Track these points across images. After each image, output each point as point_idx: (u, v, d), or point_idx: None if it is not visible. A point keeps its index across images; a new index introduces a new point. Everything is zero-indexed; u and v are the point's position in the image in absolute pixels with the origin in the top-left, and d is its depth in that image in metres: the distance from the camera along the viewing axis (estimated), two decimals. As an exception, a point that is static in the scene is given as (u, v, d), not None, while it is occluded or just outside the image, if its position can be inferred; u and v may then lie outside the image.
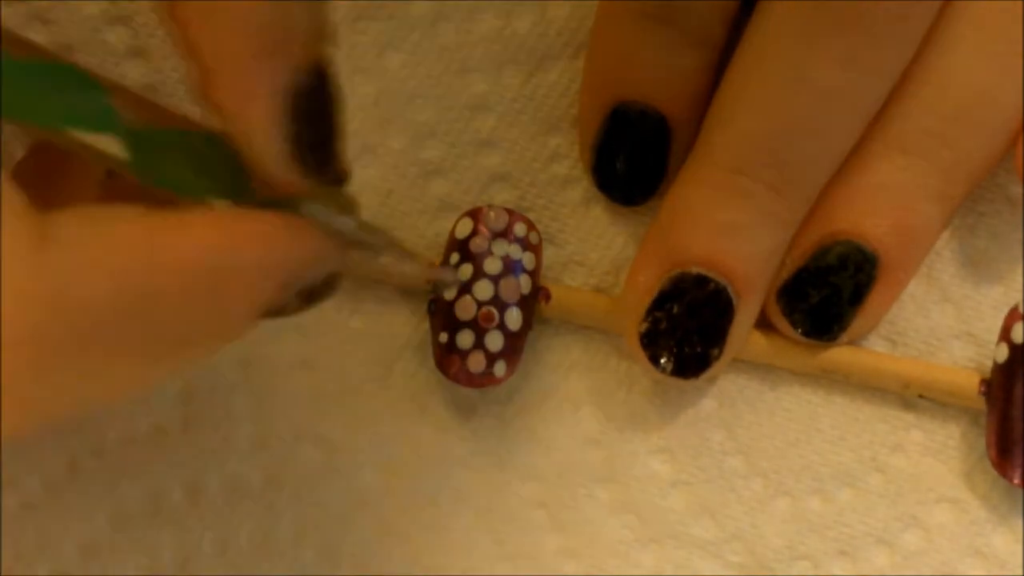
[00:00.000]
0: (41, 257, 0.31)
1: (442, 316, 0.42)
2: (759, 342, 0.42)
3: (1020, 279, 0.43)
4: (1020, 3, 0.40)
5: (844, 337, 0.41)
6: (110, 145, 0.32)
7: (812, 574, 0.42)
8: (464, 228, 0.42)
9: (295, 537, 0.42)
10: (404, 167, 0.43)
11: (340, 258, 0.35)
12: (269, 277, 0.33)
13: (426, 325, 0.42)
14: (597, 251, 0.43)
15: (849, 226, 0.40)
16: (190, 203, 0.34)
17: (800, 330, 0.41)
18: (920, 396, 0.42)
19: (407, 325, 0.43)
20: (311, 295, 0.35)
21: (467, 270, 0.42)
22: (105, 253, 0.31)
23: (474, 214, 0.42)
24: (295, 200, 0.35)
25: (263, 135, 0.33)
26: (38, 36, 0.43)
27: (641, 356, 0.41)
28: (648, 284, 0.41)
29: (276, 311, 0.34)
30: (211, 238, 0.32)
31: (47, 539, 0.42)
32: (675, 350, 0.41)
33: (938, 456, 0.42)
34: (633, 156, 0.42)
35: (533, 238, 0.42)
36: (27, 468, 0.42)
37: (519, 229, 0.42)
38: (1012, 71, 0.40)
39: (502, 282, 0.41)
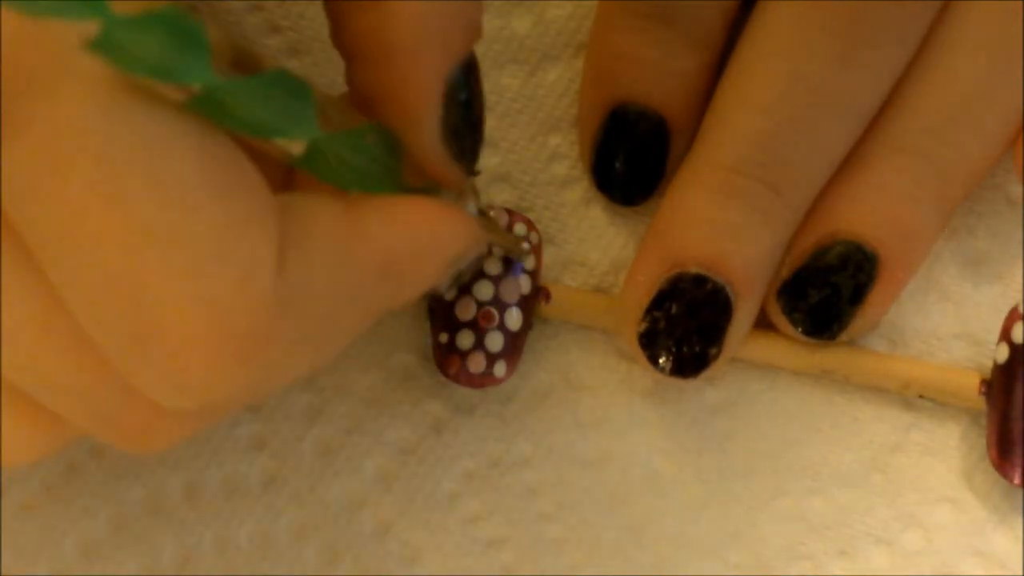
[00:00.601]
0: (282, 263, 0.32)
1: (442, 316, 0.42)
2: (758, 342, 0.42)
3: (1020, 279, 0.43)
4: (1020, 3, 0.40)
5: (844, 336, 0.41)
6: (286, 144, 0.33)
7: (812, 574, 0.42)
8: (464, 228, 0.42)
9: (295, 537, 0.42)
10: (404, 167, 0.44)
11: (485, 241, 0.38)
12: (442, 259, 0.35)
13: (426, 325, 0.43)
14: (597, 251, 0.43)
15: (849, 225, 0.40)
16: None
17: (800, 329, 0.41)
18: (920, 396, 0.42)
19: (407, 325, 0.43)
20: (461, 275, 0.38)
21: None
22: (326, 252, 0.33)
23: (474, 214, 0.42)
24: (435, 187, 0.37)
25: (423, 123, 0.35)
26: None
27: (640, 356, 0.41)
28: (647, 284, 0.41)
29: (433, 291, 0.37)
30: (401, 227, 0.34)
31: (47, 539, 0.42)
32: (674, 350, 0.41)
33: (938, 456, 0.42)
34: (632, 156, 0.42)
35: (533, 238, 0.42)
36: (27, 468, 0.42)
37: (519, 229, 0.42)
38: (1012, 71, 0.40)
39: (502, 282, 0.42)
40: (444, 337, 0.42)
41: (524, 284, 0.42)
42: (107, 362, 0.32)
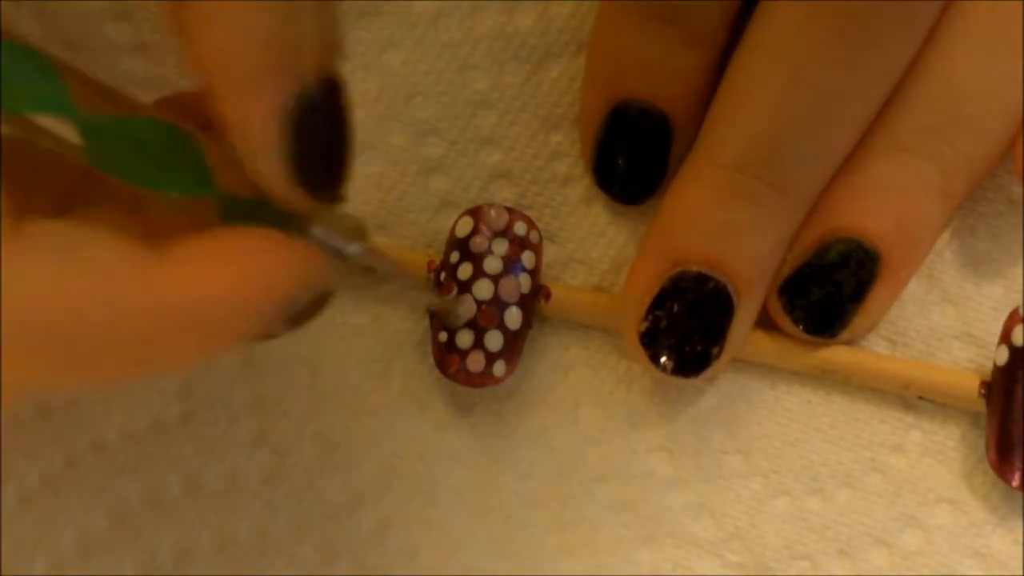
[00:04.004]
0: (13, 253, 0.30)
1: (442, 315, 0.42)
2: (759, 341, 0.42)
3: (1021, 280, 0.43)
4: (1020, 3, 0.40)
5: (845, 335, 0.41)
6: (67, 132, 0.31)
7: (811, 574, 0.42)
8: (464, 227, 0.42)
9: (294, 533, 0.42)
10: (405, 164, 0.43)
11: (330, 279, 0.34)
12: (261, 310, 0.32)
13: (426, 323, 0.42)
14: (597, 249, 0.43)
15: (851, 223, 0.40)
16: (149, 194, 0.33)
17: (801, 327, 0.41)
18: (920, 397, 0.42)
19: (407, 323, 0.43)
20: (298, 318, 0.34)
21: (467, 271, 0.42)
22: (96, 282, 0.31)
23: (474, 213, 0.42)
24: (301, 218, 0.34)
25: (263, 151, 0.33)
26: (35, 30, 0.43)
27: (641, 355, 0.41)
28: (648, 283, 0.41)
29: (263, 337, 0.33)
30: (203, 278, 0.32)
31: (46, 533, 0.42)
32: (675, 349, 0.40)
33: (938, 457, 0.42)
34: (634, 154, 0.42)
35: (533, 237, 0.42)
36: (25, 462, 0.42)
37: (519, 228, 0.42)
38: (1012, 71, 0.40)
39: (502, 281, 0.41)
40: (444, 336, 0.42)
41: (524, 283, 0.42)
42: None
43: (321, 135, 0.33)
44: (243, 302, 0.32)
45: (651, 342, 0.41)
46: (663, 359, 0.41)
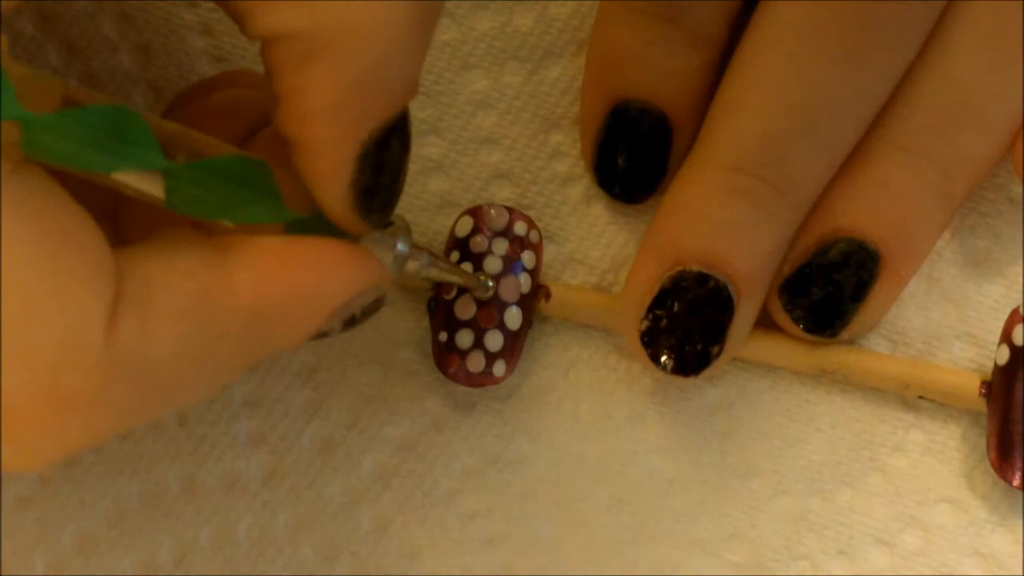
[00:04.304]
0: (114, 323, 0.32)
1: (441, 315, 0.42)
2: (759, 341, 0.42)
3: (1021, 280, 0.43)
4: (1021, 3, 0.40)
5: (845, 334, 0.41)
6: (143, 180, 0.33)
7: (811, 574, 0.42)
8: (464, 227, 0.42)
9: (292, 533, 0.42)
10: (405, 164, 0.43)
11: (387, 283, 0.37)
12: (324, 308, 0.35)
13: (425, 323, 0.42)
14: (598, 249, 0.43)
15: (851, 223, 0.40)
16: (230, 230, 0.35)
17: (801, 326, 0.41)
18: (920, 397, 0.42)
19: (406, 323, 0.43)
20: (355, 319, 0.36)
21: (467, 269, 0.42)
22: (173, 309, 0.33)
23: (474, 212, 0.42)
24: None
25: (328, 185, 0.35)
26: (35, 31, 0.44)
27: (641, 354, 0.41)
28: (649, 282, 0.41)
29: (321, 335, 0.36)
30: (273, 275, 0.34)
31: (44, 533, 0.42)
32: (675, 348, 0.40)
33: (938, 457, 0.42)
34: (634, 154, 0.42)
35: (533, 236, 0.42)
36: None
37: (519, 227, 0.42)
38: (1013, 70, 0.40)
39: (502, 281, 0.41)
40: (443, 336, 0.42)
41: (524, 283, 0.42)
42: None
43: (385, 168, 0.35)
44: (308, 306, 0.35)
45: (651, 341, 0.41)
46: (663, 358, 0.41)
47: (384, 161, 0.35)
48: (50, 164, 0.32)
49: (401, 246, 0.37)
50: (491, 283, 0.41)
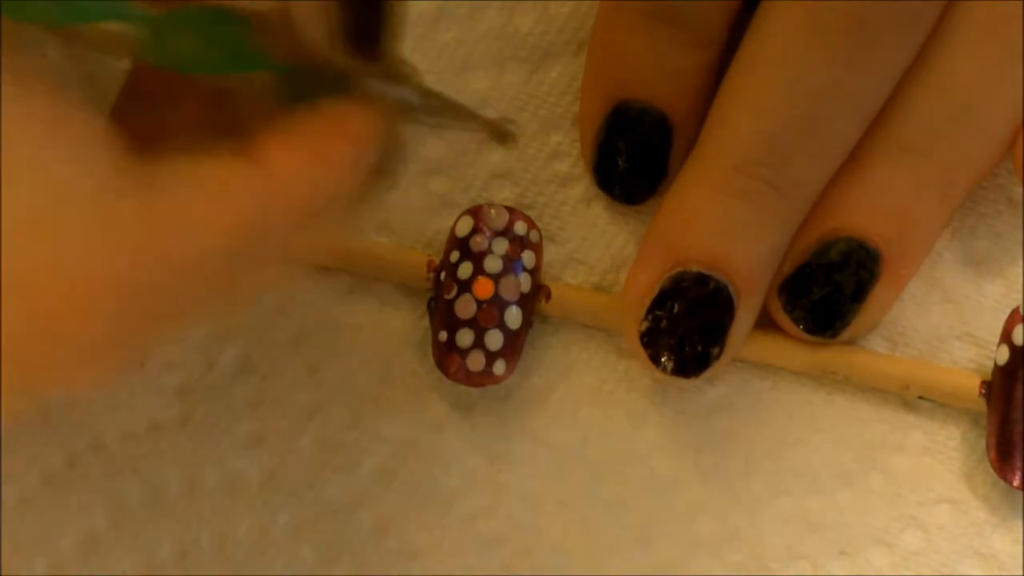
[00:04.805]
0: (144, 208, 0.31)
1: (442, 315, 0.42)
2: (759, 341, 0.42)
3: (1021, 280, 0.43)
4: (1020, 4, 0.40)
5: (845, 334, 0.41)
6: (114, 32, 0.33)
7: (811, 574, 0.42)
8: (464, 226, 0.42)
9: (293, 533, 0.42)
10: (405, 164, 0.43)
11: (399, 131, 0.36)
12: (350, 181, 0.34)
13: (426, 323, 0.42)
14: (598, 249, 0.43)
15: (851, 223, 0.40)
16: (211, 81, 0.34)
17: (802, 326, 0.41)
18: (920, 397, 0.42)
19: (407, 323, 0.43)
20: (382, 172, 0.36)
21: (467, 269, 0.42)
22: (209, 205, 0.32)
23: (475, 212, 0.42)
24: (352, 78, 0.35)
25: (316, 18, 0.34)
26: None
27: (641, 355, 0.41)
28: (649, 283, 0.41)
29: (358, 200, 0.35)
30: (297, 165, 0.33)
31: (45, 534, 0.42)
32: (675, 349, 0.40)
33: (938, 457, 0.42)
34: (634, 154, 0.42)
35: (533, 236, 0.42)
36: (25, 462, 0.42)
37: (519, 227, 0.42)
38: (1013, 70, 0.40)
39: (502, 281, 0.41)
40: (443, 335, 0.42)
41: (524, 282, 0.42)
42: None
43: (373, 3, 0.34)
44: (335, 180, 0.34)
45: (651, 342, 0.41)
46: (663, 359, 0.41)
47: None
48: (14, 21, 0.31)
49: (411, 93, 0.36)
50: (512, 128, 0.40)
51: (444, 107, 0.37)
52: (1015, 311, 0.41)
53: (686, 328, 0.40)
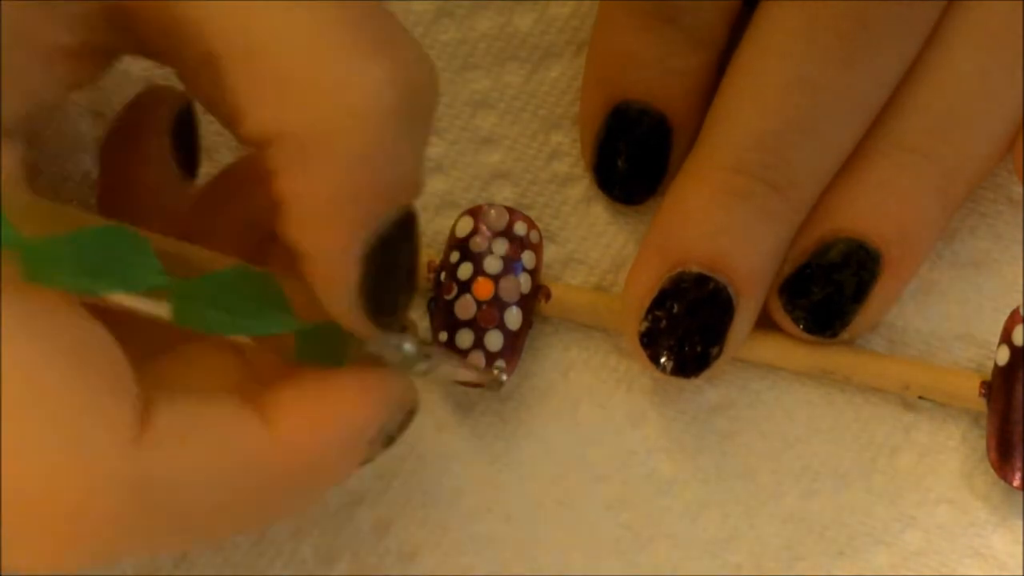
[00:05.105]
0: (140, 445, 0.32)
1: (442, 315, 0.42)
2: (759, 341, 0.42)
3: (1021, 280, 0.43)
4: (1020, 4, 0.40)
5: (845, 334, 0.41)
6: (147, 300, 0.33)
7: (811, 574, 0.42)
8: (464, 227, 0.42)
9: (293, 534, 0.42)
10: (405, 164, 0.43)
11: (415, 397, 0.36)
12: (360, 445, 0.35)
13: (426, 323, 0.42)
14: (598, 249, 0.43)
15: (851, 223, 0.40)
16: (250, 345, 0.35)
17: (802, 327, 0.41)
18: (920, 397, 0.42)
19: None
20: (393, 437, 0.36)
21: (467, 269, 0.42)
22: (204, 451, 0.33)
23: (474, 213, 0.42)
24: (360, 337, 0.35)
25: (337, 283, 0.34)
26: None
27: (641, 355, 0.41)
28: (648, 283, 0.41)
29: (365, 462, 0.36)
30: (307, 434, 0.34)
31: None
32: (675, 349, 0.40)
33: (938, 457, 0.42)
34: (634, 155, 0.42)
35: (533, 236, 0.42)
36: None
37: (519, 227, 0.42)
38: (1013, 70, 0.40)
39: (502, 281, 0.41)
40: (443, 336, 0.41)
41: (524, 283, 0.42)
42: None
43: (393, 269, 0.34)
44: (347, 446, 0.35)
45: (651, 342, 0.41)
46: (663, 359, 0.41)
47: (390, 262, 0.34)
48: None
49: (408, 347, 0.36)
50: (504, 377, 0.41)
51: (444, 360, 0.38)
52: (1015, 311, 0.41)
53: (686, 328, 0.40)
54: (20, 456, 0.31)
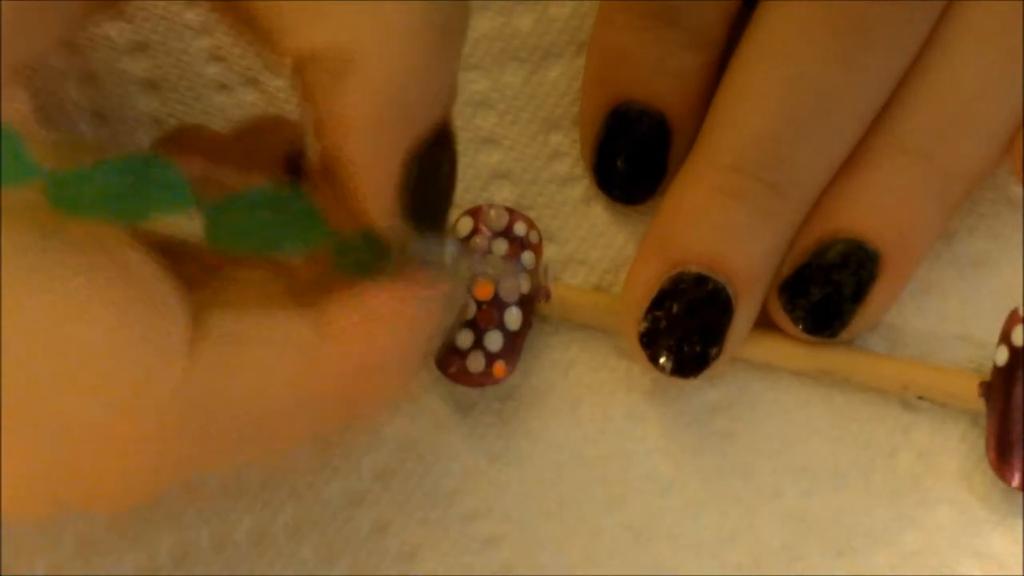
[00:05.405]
0: (194, 358, 0.32)
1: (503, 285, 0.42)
2: (759, 342, 0.42)
3: (1020, 280, 0.43)
4: (1020, 4, 0.40)
5: (845, 334, 0.41)
6: (180, 224, 0.33)
7: (811, 574, 0.42)
8: (464, 227, 0.42)
9: (292, 534, 0.42)
10: (405, 164, 0.43)
11: (456, 305, 0.37)
12: (413, 358, 0.35)
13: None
14: (597, 250, 0.43)
15: (850, 224, 0.40)
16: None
17: (801, 327, 0.41)
18: (920, 397, 0.42)
19: (407, 323, 0.43)
20: (449, 331, 0.37)
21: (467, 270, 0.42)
22: (257, 357, 0.33)
23: (474, 213, 0.42)
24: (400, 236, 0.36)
25: (379, 193, 0.34)
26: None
27: (640, 355, 0.41)
28: (648, 283, 0.41)
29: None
30: (362, 347, 0.34)
31: (45, 535, 0.42)
32: (674, 349, 0.40)
33: (938, 457, 0.42)
34: (633, 155, 0.42)
35: (533, 237, 0.42)
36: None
37: (519, 228, 0.42)
38: (1012, 71, 0.40)
39: (502, 281, 0.41)
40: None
41: (524, 283, 0.42)
42: None
43: (434, 177, 0.35)
44: (398, 357, 0.35)
45: (650, 342, 0.41)
46: (662, 359, 0.41)
47: (431, 169, 0.35)
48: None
49: (451, 245, 0.37)
50: (551, 279, 0.42)
51: (483, 262, 0.39)
52: (1014, 311, 0.41)
53: (685, 328, 0.40)
54: (75, 387, 0.31)
